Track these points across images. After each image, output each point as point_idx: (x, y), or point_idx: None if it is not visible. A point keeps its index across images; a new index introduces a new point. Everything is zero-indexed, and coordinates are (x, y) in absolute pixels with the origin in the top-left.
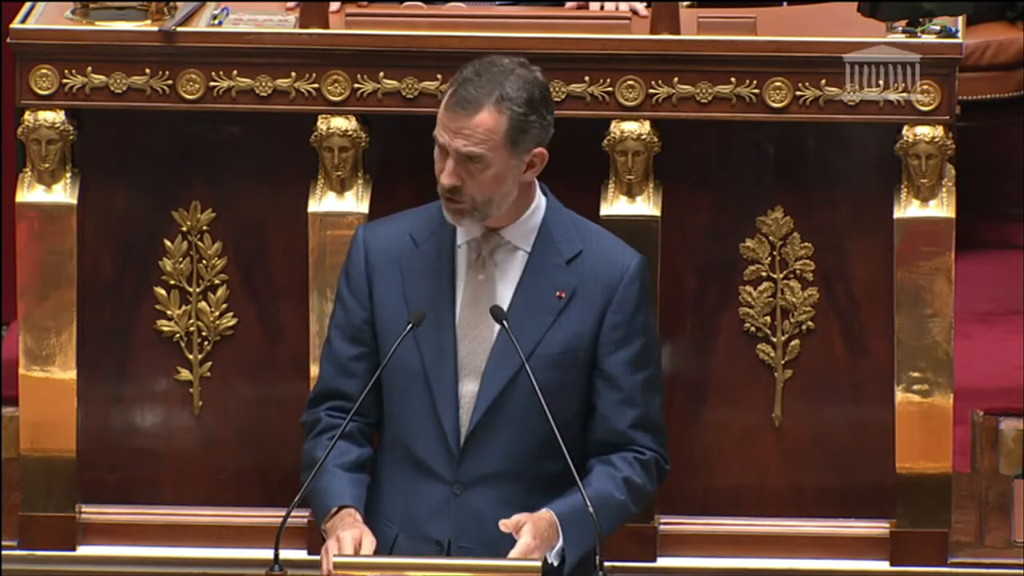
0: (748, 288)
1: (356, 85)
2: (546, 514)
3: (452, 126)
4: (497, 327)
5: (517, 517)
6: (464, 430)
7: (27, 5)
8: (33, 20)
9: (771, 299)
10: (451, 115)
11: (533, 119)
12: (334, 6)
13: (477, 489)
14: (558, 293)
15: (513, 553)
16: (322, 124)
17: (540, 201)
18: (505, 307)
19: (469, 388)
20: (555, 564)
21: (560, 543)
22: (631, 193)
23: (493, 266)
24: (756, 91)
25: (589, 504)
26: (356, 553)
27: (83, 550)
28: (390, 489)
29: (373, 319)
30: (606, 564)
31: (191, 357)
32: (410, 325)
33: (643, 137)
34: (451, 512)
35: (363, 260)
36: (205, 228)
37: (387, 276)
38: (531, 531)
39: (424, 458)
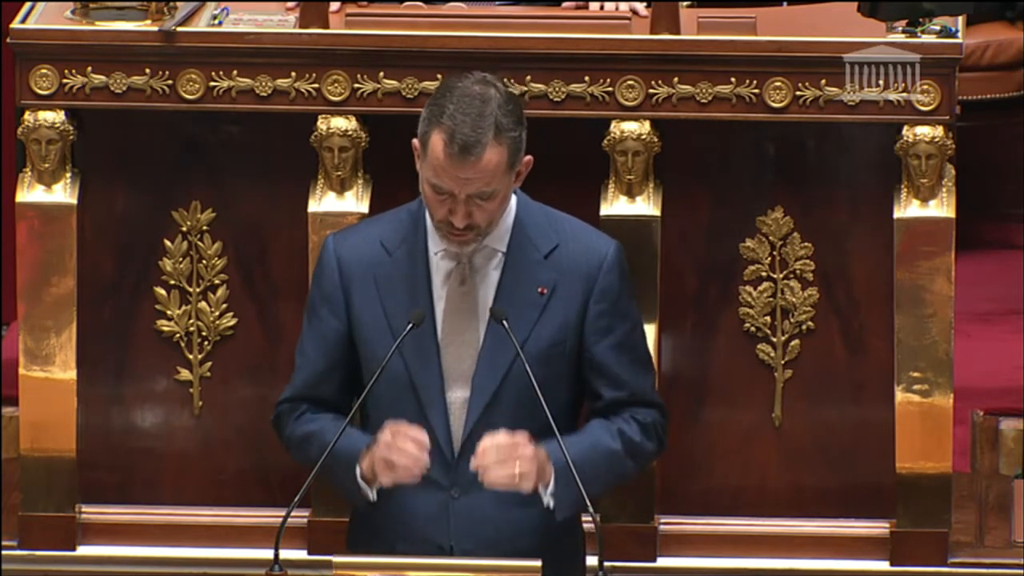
0: (748, 288)
1: (356, 85)
2: (539, 451)
3: (460, 175)
4: (483, 331)
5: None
6: (457, 435)
7: (27, 5)
8: (33, 20)
9: (771, 299)
10: (456, 164)
11: (522, 135)
12: (334, 6)
13: (475, 491)
14: (540, 289)
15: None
16: (322, 124)
17: (512, 200)
18: (488, 308)
19: (458, 395)
20: (551, 506)
21: (552, 484)
22: (631, 193)
23: (473, 271)
24: (756, 91)
25: (573, 468)
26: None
27: (83, 550)
28: (382, 499)
29: (351, 329)
30: (606, 564)
31: (191, 357)
32: (410, 325)
33: (643, 137)
34: (451, 516)
35: (336, 271)
36: (205, 228)
37: (362, 287)
38: (492, 440)
39: None
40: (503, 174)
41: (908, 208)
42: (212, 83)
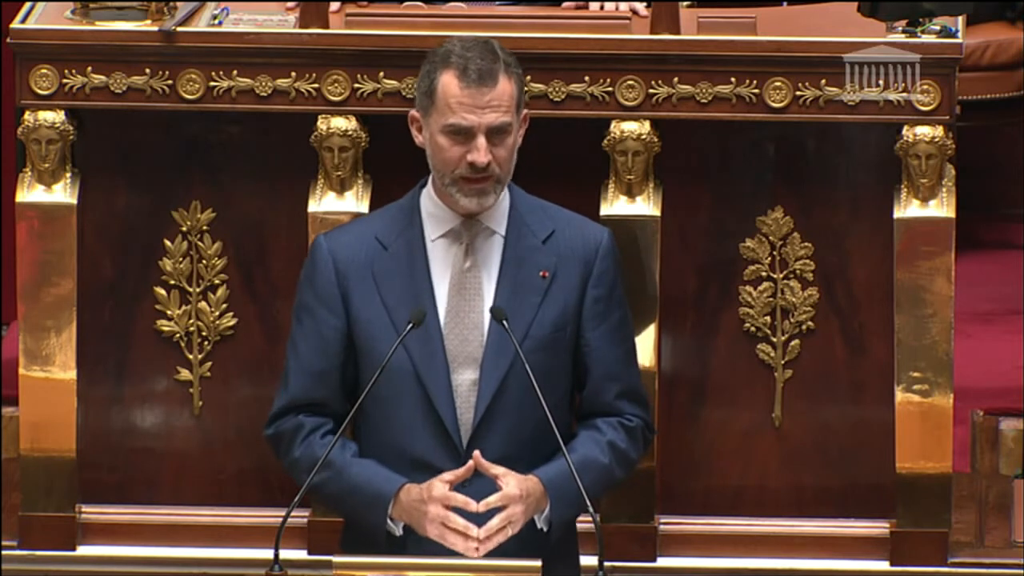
0: (748, 288)
1: (356, 85)
2: (535, 479)
3: (479, 103)
4: (487, 313)
5: (498, 470)
6: (465, 419)
7: (27, 5)
8: (33, 20)
9: (771, 299)
10: (474, 92)
11: (523, 80)
12: (334, 6)
13: (484, 477)
14: (542, 273)
15: (495, 499)
16: (322, 124)
17: (505, 191)
18: (491, 292)
19: (465, 377)
20: (545, 529)
21: (548, 510)
22: (631, 193)
23: (473, 251)
24: (756, 91)
25: (577, 478)
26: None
27: (83, 550)
28: None
29: (350, 329)
30: (606, 564)
31: (191, 357)
32: (411, 324)
33: (643, 137)
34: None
35: (332, 270)
36: (205, 228)
37: (361, 284)
38: (516, 483)
39: (425, 456)
40: (515, 110)
41: (908, 208)
42: (212, 83)
